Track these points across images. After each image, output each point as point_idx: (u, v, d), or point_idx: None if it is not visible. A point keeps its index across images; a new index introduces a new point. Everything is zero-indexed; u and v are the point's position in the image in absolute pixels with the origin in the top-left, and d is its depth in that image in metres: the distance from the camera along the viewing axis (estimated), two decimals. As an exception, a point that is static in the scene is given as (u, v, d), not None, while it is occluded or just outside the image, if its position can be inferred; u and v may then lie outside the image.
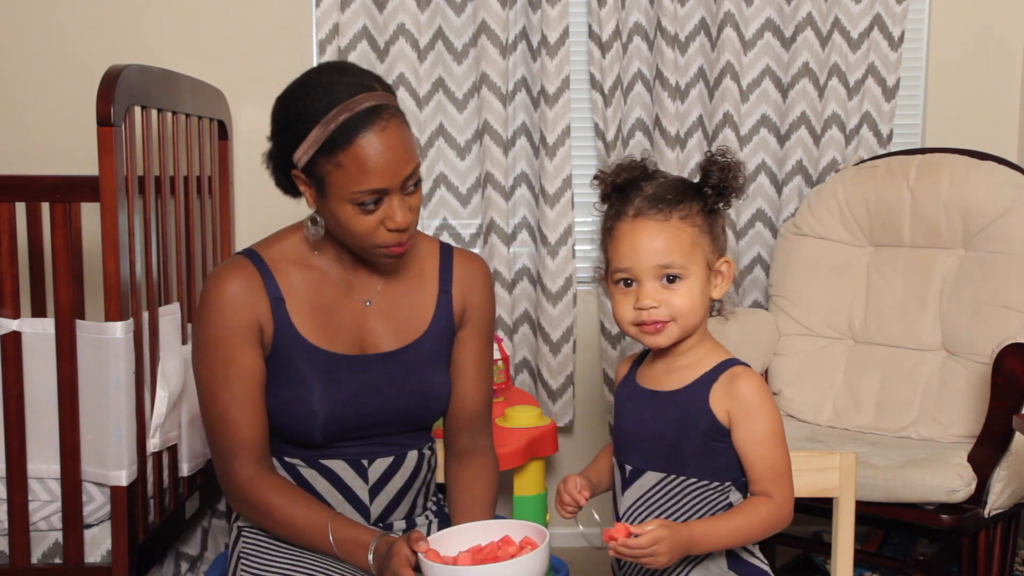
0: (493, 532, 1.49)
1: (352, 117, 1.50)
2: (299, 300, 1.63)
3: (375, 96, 1.53)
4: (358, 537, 1.55)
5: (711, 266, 1.42)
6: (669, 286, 1.40)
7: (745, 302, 3.07)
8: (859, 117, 2.99)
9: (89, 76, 2.24)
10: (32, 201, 2.11)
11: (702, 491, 1.42)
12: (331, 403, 1.61)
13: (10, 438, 2.04)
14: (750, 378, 1.41)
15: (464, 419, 1.75)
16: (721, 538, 1.38)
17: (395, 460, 1.68)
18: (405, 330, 1.69)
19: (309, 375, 1.61)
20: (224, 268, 1.63)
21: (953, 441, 2.47)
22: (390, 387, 1.66)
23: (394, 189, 1.53)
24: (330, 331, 1.64)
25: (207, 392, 1.62)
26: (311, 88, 1.54)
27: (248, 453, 1.60)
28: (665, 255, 1.39)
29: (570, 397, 3.04)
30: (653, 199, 1.41)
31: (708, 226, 1.42)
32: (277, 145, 1.60)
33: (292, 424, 1.62)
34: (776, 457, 1.40)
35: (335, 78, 1.54)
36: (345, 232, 1.57)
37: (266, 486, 1.59)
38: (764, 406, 1.40)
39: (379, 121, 1.51)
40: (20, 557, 2.05)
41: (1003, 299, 2.50)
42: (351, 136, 1.50)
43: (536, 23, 2.92)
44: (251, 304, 1.60)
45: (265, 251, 1.65)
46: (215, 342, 1.59)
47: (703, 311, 1.43)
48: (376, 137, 1.50)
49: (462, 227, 3.06)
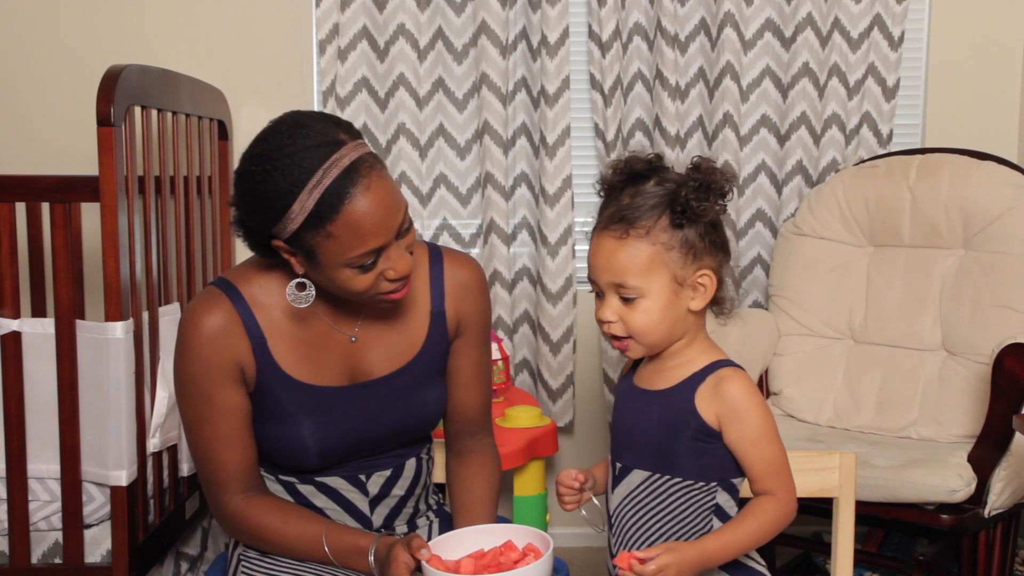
0: (495, 537, 1.48)
1: (333, 184, 1.39)
2: (282, 336, 1.55)
3: (347, 151, 1.42)
4: (355, 543, 1.53)
5: (682, 281, 1.38)
6: (626, 304, 1.38)
7: (745, 302, 3.07)
8: (859, 117, 2.99)
9: (89, 76, 2.24)
10: (32, 201, 2.11)
11: (687, 491, 1.41)
12: (323, 435, 1.57)
13: (10, 438, 2.04)
14: (736, 379, 1.39)
15: (464, 422, 1.73)
16: (735, 547, 1.38)
17: (394, 471, 1.66)
18: (397, 354, 1.62)
19: (297, 412, 1.57)
20: (199, 305, 1.54)
21: (953, 441, 2.47)
22: (383, 412, 1.61)
23: (391, 241, 1.45)
24: (317, 365, 1.58)
25: (190, 427, 1.58)
26: (275, 160, 1.41)
27: (235, 484, 1.57)
28: (618, 275, 1.37)
29: (570, 397, 3.04)
30: (616, 213, 1.37)
31: (679, 240, 1.36)
32: (250, 222, 1.49)
33: (285, 457, 1.59)
34: (773, 453, 1.39)
35: (297, 141, 1.41)
36: (344, 292, 1.49)
37: (256, 511, 1.57)
38: (752, 406, 1.38)
39: (361, 180, 1.40)
40: (20, 557, 2.05)
41: (1003, 299, 2.50)
42: (337, 205, 1.39)
43: (536, 23, 2.92)
44: (230, 345, 1.52)
45: (244, 285, 1.55)
46: (194, 381, 1.54)
47: (666, 327, 1.39)
48: (364, 198, 1.40)
49: (462, 227, 3.06)
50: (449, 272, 1.66)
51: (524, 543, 1.45)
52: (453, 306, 1.66)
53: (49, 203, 2.02)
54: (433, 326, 1.65)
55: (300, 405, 1.56)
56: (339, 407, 1.59)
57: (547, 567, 1.38)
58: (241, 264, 1.61)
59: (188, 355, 1.54)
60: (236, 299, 1.54)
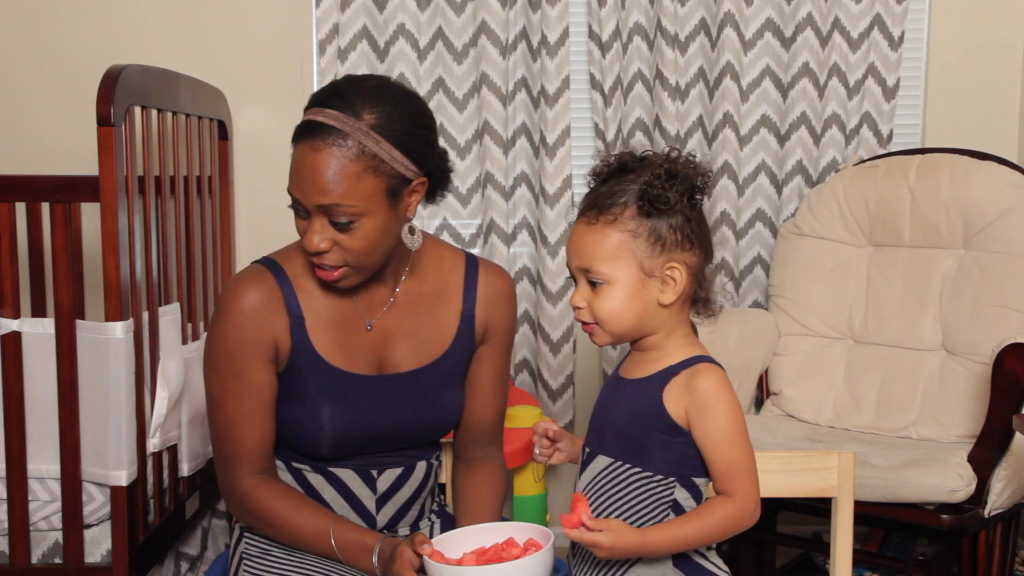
0: (497, 534, 1.49)
1: (300, 124, 1.50)
2: (320, 319, 1.59)
3: (323, 114, 1.48)
4: (361, 540, 1.54)
5: (650, 271, 1.38)
6: (594, 290, 1.39)
7: (745, 302, 3.07)
8: (859, 117, 2.99)
9: (89, 76, 2.24)
10: (32, 201, 2.11)
11: (646, 483, 1.40)
12: (342, 423, 1.59)
13: (10, 438, 2.04)
14: (710, 374, 1.38)
15: (476, 432, 1.74)
16: (677, 543, 1.37)
17: (404, 471, 1.67)
18: (425, 350, 1.65)
19: (319, 396, 1.58)
20: (244, 279, 1.58)
21: (953, 441, 2.47)
22: (405, 407, 1.63)
23: (313, 210, 1.49)
24: (349, 351, 1.61)
25: (215, 401, 1.59)
26: None
27: (251, 464, 1.59)
28: (586, 259, 1.39)
29: (570, 397, 3.04)
30: (589, 200, 1.40)
31: (646, 229, 1.37)
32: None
33: (300, 440, 1.61)
34: (734, 455, 1.37)
35: (339, 84, 1.54)
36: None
37: (267, 494, 1.58)
38: (720, 403, 1.37)
39: (311, 140, 1.48)
40: (20, 557, 2.05)
41: (1003, 299, 2.50)
42: (294, 139, 1.51)
43: (536, 23, 2.92)
44: (269, 321, 1.56)
45: (287, 263, 1.60)
46: (227, 355, 1.56)
47: (632, 317, 1.39)
48: (303, 152, 1.49)
49: (462, 227, 3.06)
50: (483, 279, 1.70)
51: (525, 539, 1.46)
52: (483, 312, 1.69)
53: (49, 203, 2.02)
54: (462, 328, 1.68)
55: (324, 389, 1.59)
56: (362, 396, 1.61)
57: (547, 559, 1.39)
58: (286, 246, 1.65)
59: (225, 328, 1.56)
60: (280, 277, 1.58)
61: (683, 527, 1.37)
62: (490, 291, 1.70)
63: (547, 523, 2.51)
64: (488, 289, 1.69)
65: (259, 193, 2.96)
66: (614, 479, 1.42)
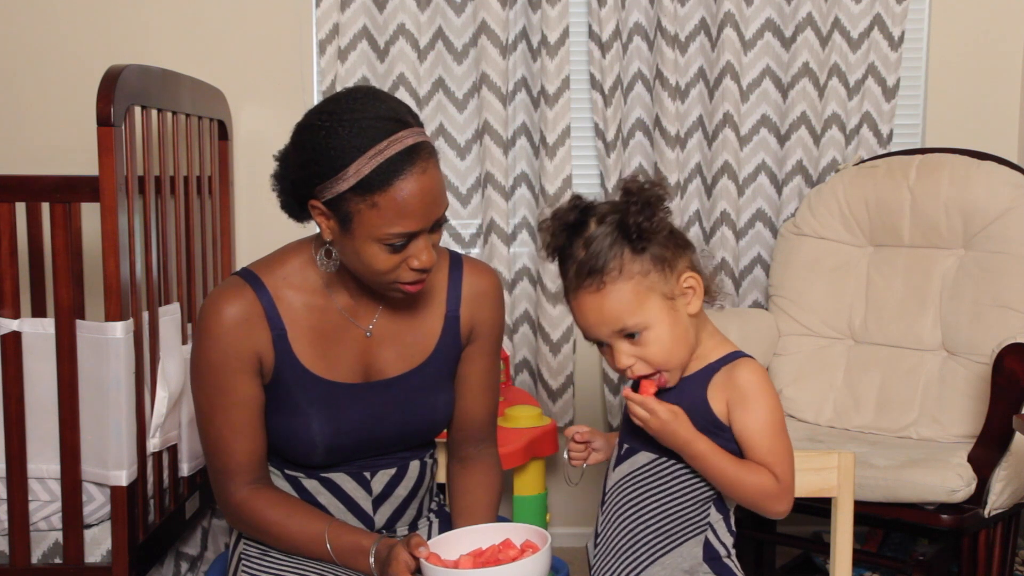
0: (494, 535, 1.49)
1: (395, 157, 1.42)
2: (302, 329, 1.57)
3: (413, 133, 1.46)
4: (357, 543, 1.54)
5: (672, 295, 1.38)
6: (635, 341, 1.38)
7: (745, 302, 3.07)
8: (859, 117, 2.99)
9: (89, 76, 2.24)
10: (32, 201, 2.11)
11: (688, 478, 1.41)
12: (332, 432, 1.58)
13: (10, 438, 2.04)
14: (751, 367, 1.40)
15: (469, 431, 1.74)
16: (713, 465, 1.37)
17: (398, 471, 1.67)
18: (410, 354, 1.64)
19: (307, 407, 1.58)
20: (222, 293, 1.56)
21: (953, 441, 2.47)
22: (394, 412, 1.63)
23: (424, 230, 1.48)
24: (332, 360, 1.60)
25: (203, 416, 1.59)
26: (344, 119, 1.44)
27: (243, 476, 1.58)
28: (615, 322, 1.37)
29: (570, 397, 3.04)
30: (581, 271, 1.37)
31: (650, 262, 1.37)
32: (297, 175, 1.51)
33: (294, 451, 1.61)
34: (774, 444, 1.38)
35: (369, 109, 1.45)
36: (364, 268, 1.50)
37: (261, 503, 1.58)
38: (762, 395, 1.38)
39: (419, 163, 1.44)
40: (20, 557, 2.05)
41: (1003, 299, 2.50)
42: (391, 178, 1.42)
43: (536, 23, 2.92)
44: (250, 335, 1.54)
45: (267, 275, 1.58)
46: (211, 370, 1.55)
47: (683, 344, 1.39)
48: (416, 180, 1.43)
49: (462, 227, 3.06)
50: (468, 279, 1.68)
51: (522, 540, 1.46)
52: (468, 312, 1.67)
53: (49, 203, 2.02)
54: (446, 330, 1.66)
55: (312, 399, 1.58)
56: (350, 405, 1.60)
57: (544, 561, 1.39)
58: (264, 257, 1.63)
59: (208, 343, 1.55)
60: (260, 290, 1.56)
61: (728, 462, 1.37)
62: (474, 291, 1.67)
63: (547, 523, 2.51)
64: (472, 288, 1.67)
65: (259, 193, 2.93)
66: (657, 474, 1.43)
